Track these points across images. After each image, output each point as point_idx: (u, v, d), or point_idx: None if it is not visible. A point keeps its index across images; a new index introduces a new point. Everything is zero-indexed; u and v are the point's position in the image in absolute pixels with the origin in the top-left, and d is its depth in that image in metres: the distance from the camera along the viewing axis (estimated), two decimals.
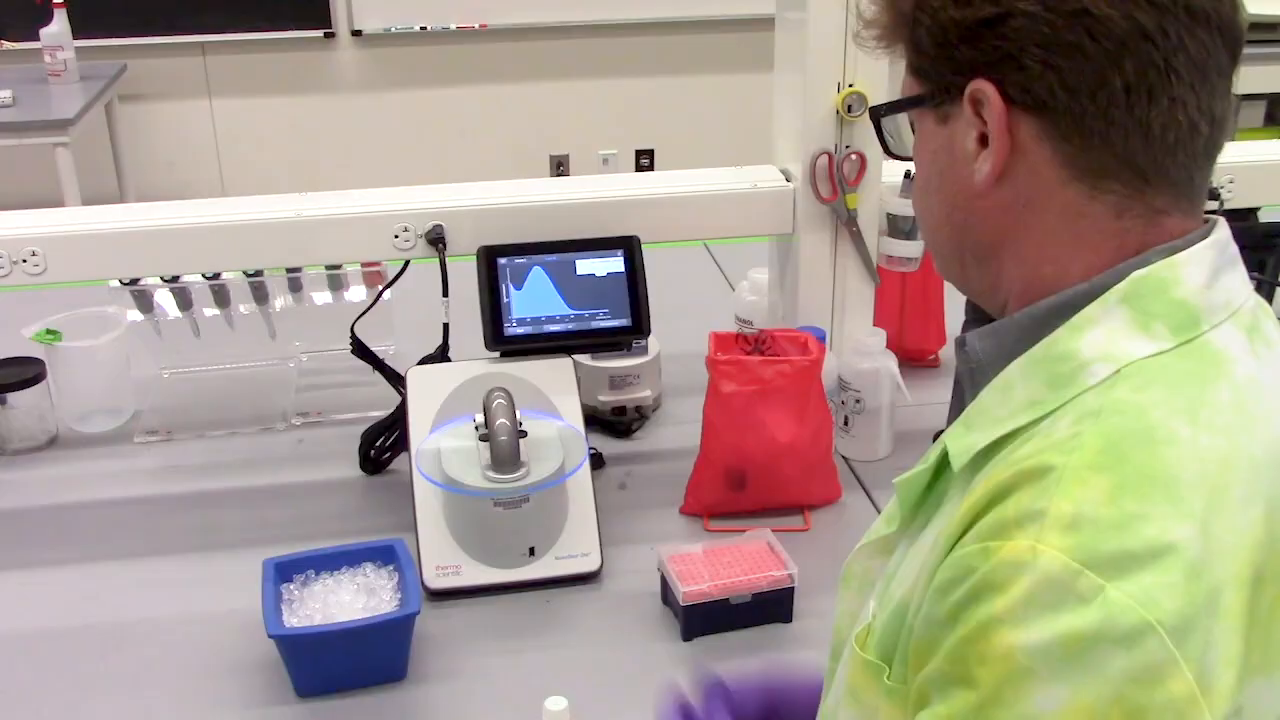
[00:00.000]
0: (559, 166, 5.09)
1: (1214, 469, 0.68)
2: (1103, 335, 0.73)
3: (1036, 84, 0.72)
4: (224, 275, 1.76)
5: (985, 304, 0.84)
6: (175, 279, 1.75)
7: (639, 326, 1.58)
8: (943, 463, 0.79)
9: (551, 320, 1.55)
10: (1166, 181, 0.74)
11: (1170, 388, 0.70)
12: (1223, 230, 0.78)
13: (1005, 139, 0.75)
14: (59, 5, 4.09)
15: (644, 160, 5.14)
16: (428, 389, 1.50)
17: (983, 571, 0.66)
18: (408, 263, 1.62)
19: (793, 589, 1.35)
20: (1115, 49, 0.70)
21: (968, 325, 0.90)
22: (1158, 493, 0.66)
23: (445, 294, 1.57)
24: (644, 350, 1.75)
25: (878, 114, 0.87)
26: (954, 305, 1.83)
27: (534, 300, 1.55)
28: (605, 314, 1.57)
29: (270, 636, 1.24)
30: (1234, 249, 0.78)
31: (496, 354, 1.55)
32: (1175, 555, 0.64)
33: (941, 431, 0.87)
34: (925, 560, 0.75)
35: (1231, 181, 1.72)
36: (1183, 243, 0.75)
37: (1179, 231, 0.75)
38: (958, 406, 0.91)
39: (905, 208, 1.66)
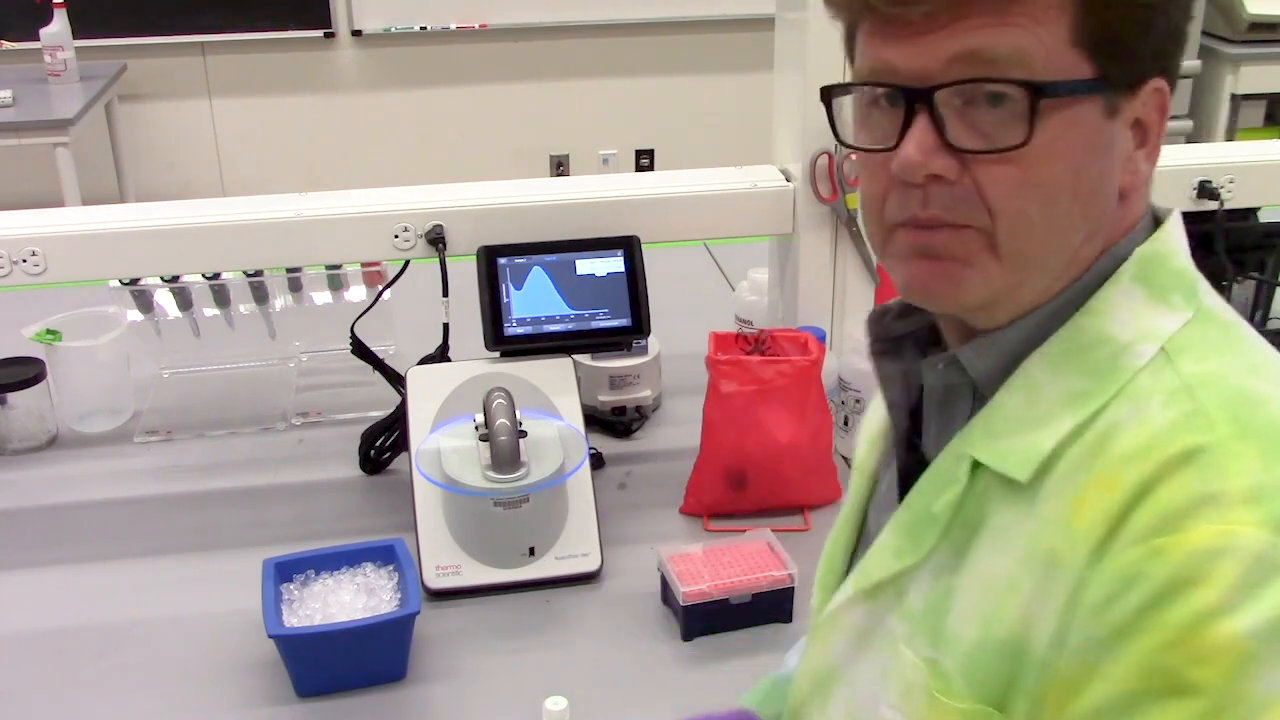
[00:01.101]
0: (559, 166, 5.09)
1: None
2: (1129, 315, 0.72)
3: (1174, 88, 0.74)
4: (224, 275, 1.76)
5: (993, 311, 0.75)
6: (175, 279, 1.75)
7: (639, 326, 1.58)
8: (971, 480, 0.75)
9: (551, 320, 1.55)
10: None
11: (1221, 355, 0.71)
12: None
13: (1162, 130, 0.74)
14: (59, 5, 4.09)
15: (644, 160, 5.14)
16: (428, 389, 1.50)
17: (1163, 571, 0.63)
18: (408, 263, 1.62)
19: (793, 589, 1.35)
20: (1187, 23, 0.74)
21: (879, 348, 0.84)
22: None
23: (445, 294, 1.57)
24: (644, 350, 1.75)
25: (1033, 93, 0.68)
26: None
27: (534, 300, 1.55)
28: (605, 314, 1.57)
29: (270, 636, 1.24)
30: None
31: (496, 354, 1.55)
32: None
33: (920, 460, 0.81)
34: (1028, 589, 0.69)
35: (1231, 181, 1.72)
36: (1152, 216, 0.77)
37: (1143, 206, 0.77)
38: (905, 435, 0.84)
39: None
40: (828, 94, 0.78)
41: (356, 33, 4.76)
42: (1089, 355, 0.72)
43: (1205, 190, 1.72)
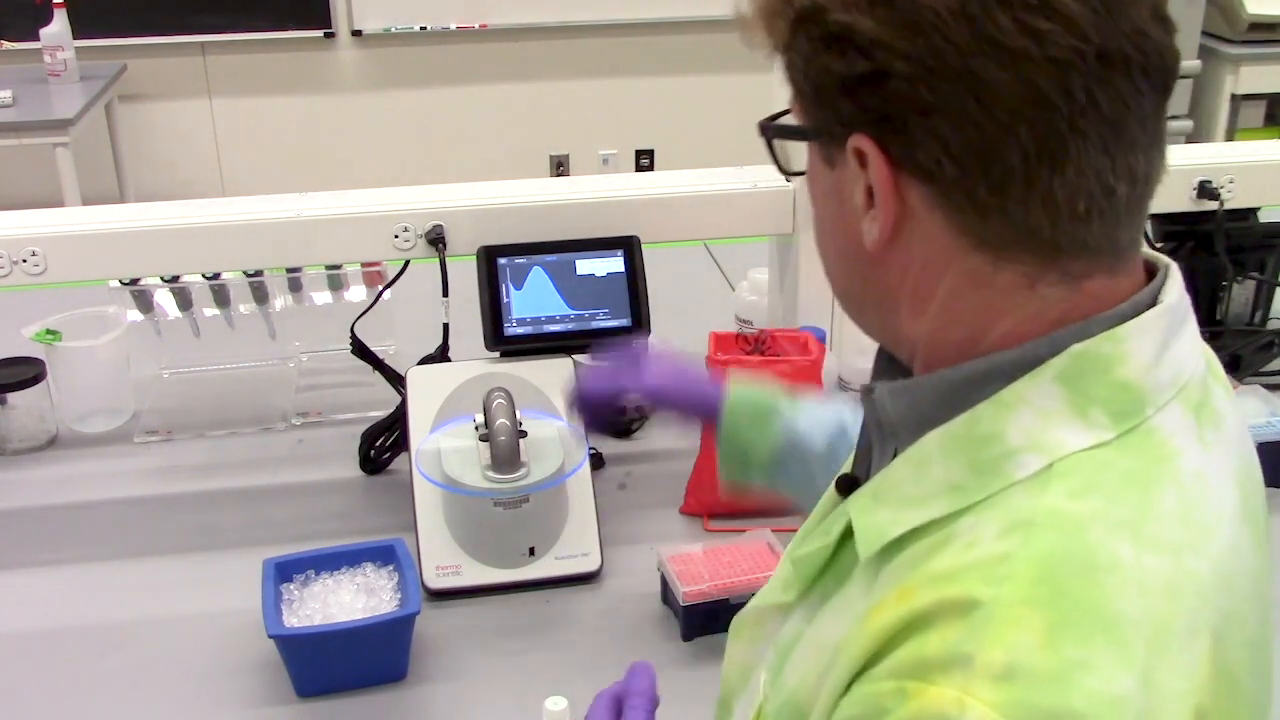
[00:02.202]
0: (559, 166, 5.09)
1: (1158, 602, 0.61)
2: (1033, 419, 0.65)
3: (919, 151, 0.64)
4: (224, 275, 1.76)
5: (893, 351, 0.75)
6: (175, 279, 1.75)
7: (639, 326, 1.58)
8: (846, 535, 0.72)
9: (551, 320, 1.55)
10: (1083, 249, 0.65)
11: (1109, 495, 0.63)
12: (1174, 287, 0.69)
13: (893, 202, 0.66)
14: (59, 5, 4.09)
15: (644, 160, 5.14)
16: (428, 389, 1.50)
17: (902, 716, 0.59)
18: (408, 263, 1.62)
19: None
20: (1008, 118, 0.61)
21: (878, 368, 0.80)
22: (1099, 634, 0.59)
23: (445, 294, 1.57)
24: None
25: (764, 131, 0.77)
26: None
27: (534, 300, 1.55)
28: (605, 314, 1.57)
29: (270, 636, 1.24)
30: (1186, 304, 0.69)
31: (496, 354, 1.55)
32: (1117, 712, 0.57)
33: (847, 476, 0.80)
34: (825, 664, 0.68)
35: (1231, 181, 1.72)
36: (1129, 308, 0.66)
37: (1111, 293, 0.66)
38: (865, 453, 0.81)
39: None
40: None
41: (356, 33, 4.76)
42: (979, 450, 0.65)
43: (1205, 190, 1.72)
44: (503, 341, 1.54)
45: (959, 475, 0.66)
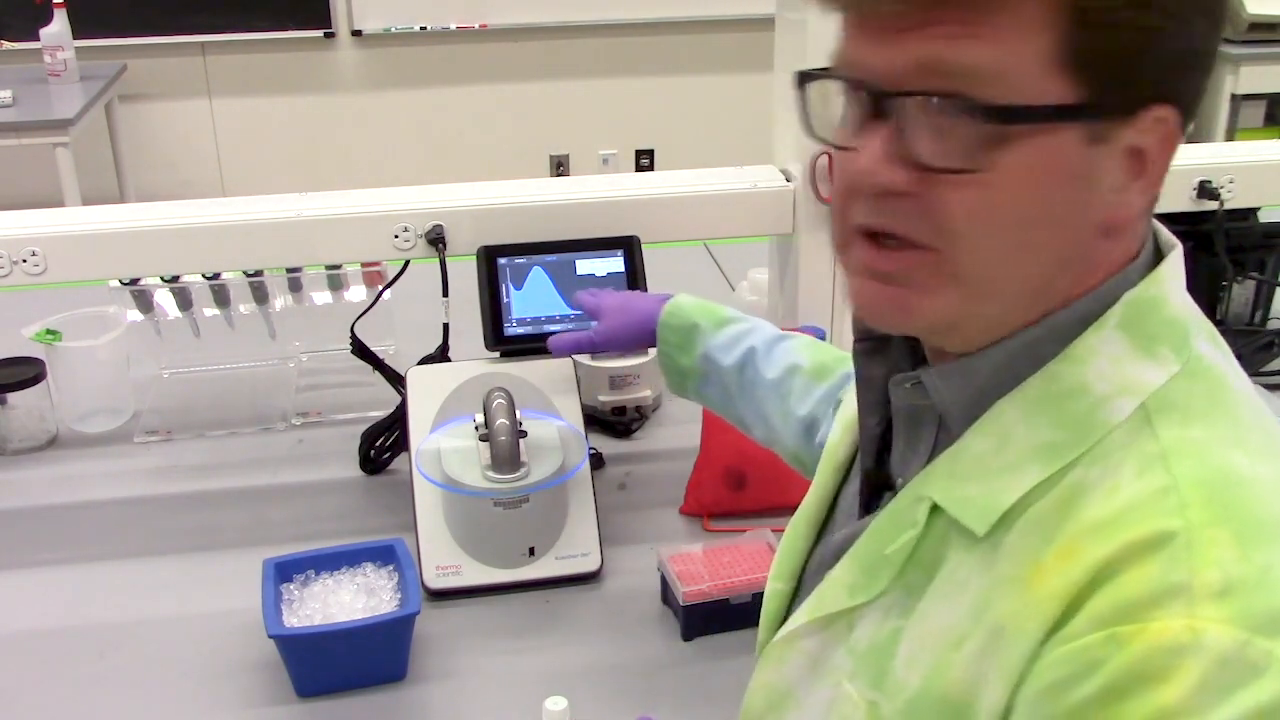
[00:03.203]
0: (559, 166, 5.09)
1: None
2: (1109, 365, 0.67)
3: (1190, 109, 0.67)
4: (224, 275, 1.76)
5: (961, 335, 0.71)
6: (175, 279, 1.75)
7: None
8: (929, 523, 0.72)
9: (551, 320, 1.55)
10: None
11: (1206, 419, 0.67)
12: (1163, 229, 0.74)
13: (1167, 166, 0.67)
14: (59, 5, 4.09)
15: (644, 160, 5.15)
16: (428, 389, 1.50)
17: (1124, 662, 0.59)
18: (408, 263, 1.62)
19: None
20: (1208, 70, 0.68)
21: (864, 347, 0.81)
22: (1272, 537, 0.62)
23: (445, 294, 1.57)
24: (644, 350, 1.75)
25: (1008, 115, 0.63)
26: None
27: (534, 300, 1.55)
28: None
29: (270, 636, 1.24)
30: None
31: (496, 354, 1.55)
32: None
33: (884, 475, 0.79)
34: (978, 647, 0.66)
35: (1231, 181, 1.72)
36: (1149, 254, 0.71)
37: (1132, 240, 0.71)
38: (872, 440, 0.81)
39: None
40: (802, 80, 0.73)
41: (356, 33, 4.77)
42: (1064, 406, 0.68)
43: (1205, 190, 1.72)
44: (503, 341, 1.54)
45: (1049, 434, 0.67)
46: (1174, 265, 0.72)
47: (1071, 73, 0.63)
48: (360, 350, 1.64)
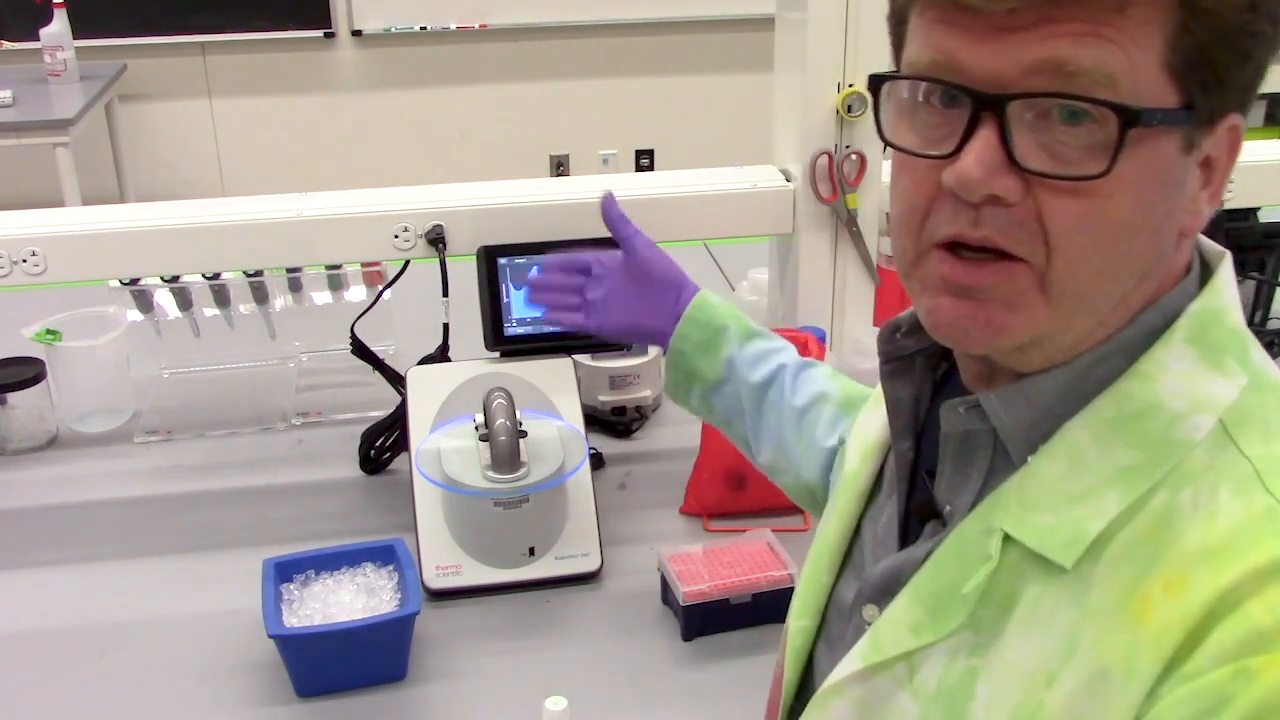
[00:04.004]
0: (559, 166, 5.09)
1: None
2: (1180, 382, 0.66)
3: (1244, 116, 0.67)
4: (224, 275, 1.76)
5: (1023, 361, 0.69)
6: (175, 279, 1.75)
7: None
8: (1002, 555, 0.68)
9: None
10: None
11: None
12: (1203, 237, 0.72)
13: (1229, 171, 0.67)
14: (59, 5, 4.10)
15: (644, 160, 5.15)
16: (428, 389, 1.50)
17: (1257, 695, 0.57)
18: (408, 263, 1.62)
19: (793, 589, 1.35)
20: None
21: (890, 369, 0.79)
22: None
23: (445, 294, 1.56)
24: (644, 350, 1.75)
25: (1139, 118, 0.61)
26: None
27: None
28: None
29: (270, 636, 1.24)
30: None
31: (496, 354, 1.55)
32: None
33: (929, 504, 0.76)
34: (1079, 685, 0.63)
35: (1232, 181, 1.71)
36: (1201, 265, 0.70)
37: (1185, 249, 0.69)
38: (906, 467, 0.79)
39: None
40: (877, 84, 0.68)
41: (356, 33, 4.77)
42: (1139, 425, 0.65)
43: None
44: (503, 341, 1.54)
45: (1126, 457, 0.65)
46: (1229, 274, 0.70)
47: (1174, 78, 0.62)
48: (360, 350, 1.64)
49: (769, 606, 1.35)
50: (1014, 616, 0.67)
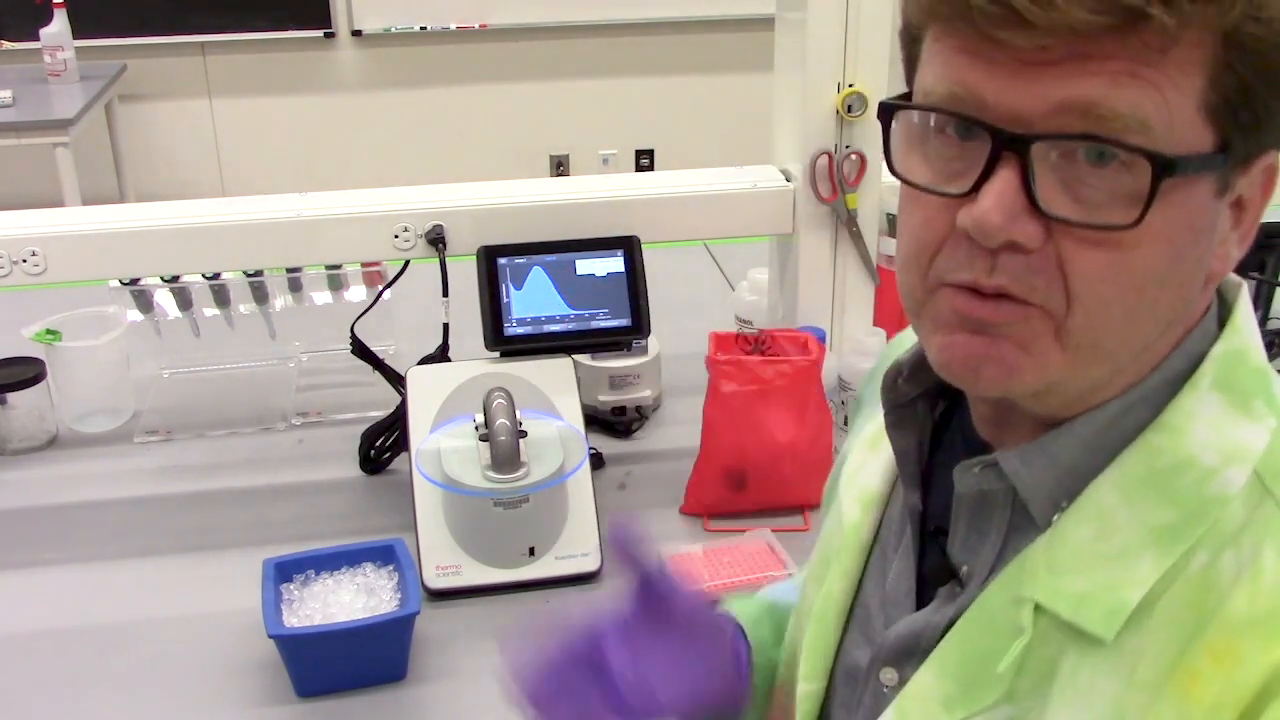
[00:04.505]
0: (559, 166, 5.09)
1: None
2: (1209, 432, 0.63)
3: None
4: (224, 275, 1.76)
5: (1038, 405, 0.66)
6: (175, 279, 1.75)
7: (639, 326, 1.58)
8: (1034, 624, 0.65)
9: (551, 320, 1.55)
10: None
11: None
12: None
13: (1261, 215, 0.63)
14: (59, 5, 4.09)
15: (644, 160, 5.15)
16: (428, 389, 1.50)
17: None
18: (408, 263, 1.62)
19: None
20: None
21: (893, 419, 0.75)
22: None
23: (445, 294, 1.57)
24: (644, 350, 1.75)
25: (1171, 167, 0.57)
26: None
27: (534, 300, 1.55)
28: (605, 314, 1.57)
29: (270, 636, 1.24)
30: None
31: (496, 354, 1.55)
32: None
33: (944, 564, 0.73)
34: None
35: None
36: (1221, 301, 0.67)
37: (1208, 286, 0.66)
38: (921, 511, 0.75)
39: None
40: (888, 113, 0.64)
41: (356, 33, 4.77)
42: (1170, 483, 0.62)
43: None
44: (503, 341, 1.54)
45: (1159, 516, 0.62)
46: (1248, 308, 0.67)
47: (1211, 120, 0.58)
48: (360, 350, 1.64)
49: None
50: (1054, 690, 0.64)
